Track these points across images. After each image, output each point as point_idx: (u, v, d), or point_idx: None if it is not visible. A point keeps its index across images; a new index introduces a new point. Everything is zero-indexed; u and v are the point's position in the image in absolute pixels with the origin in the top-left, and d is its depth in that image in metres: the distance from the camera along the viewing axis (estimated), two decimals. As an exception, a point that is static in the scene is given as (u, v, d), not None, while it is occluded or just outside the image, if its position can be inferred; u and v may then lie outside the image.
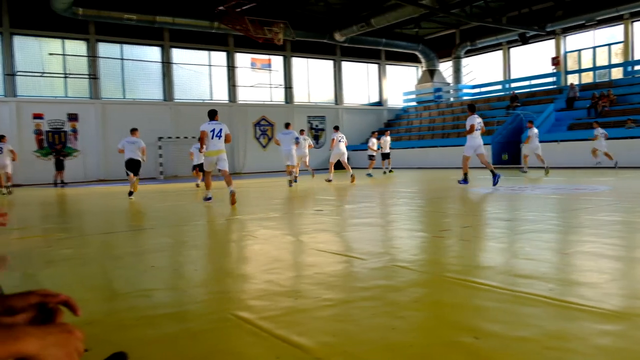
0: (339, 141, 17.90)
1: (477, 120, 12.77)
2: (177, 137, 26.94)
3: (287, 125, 17.33)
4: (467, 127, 12.77)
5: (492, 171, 12.32)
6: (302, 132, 21.32)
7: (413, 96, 36.16)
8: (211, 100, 29.19)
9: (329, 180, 16.74)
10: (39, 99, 24.61)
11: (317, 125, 32.71)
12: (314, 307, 2.94)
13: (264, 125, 30.65)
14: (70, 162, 24.76)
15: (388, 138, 22.90)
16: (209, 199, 10.71)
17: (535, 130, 17.86)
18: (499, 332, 2.44)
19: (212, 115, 10.96)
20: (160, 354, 2.34)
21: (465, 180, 12.73)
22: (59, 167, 22.97)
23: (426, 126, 31.55)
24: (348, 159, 18.33)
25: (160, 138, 26.25)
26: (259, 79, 30.58)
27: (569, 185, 11.85)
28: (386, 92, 35.61)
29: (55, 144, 24.43)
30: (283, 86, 31.45)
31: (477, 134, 12.70)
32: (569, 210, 7.42)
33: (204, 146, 10.63)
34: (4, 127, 23.62)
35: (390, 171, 22.64)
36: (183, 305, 3.15)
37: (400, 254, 4.51)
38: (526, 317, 2.64)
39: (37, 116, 24.50)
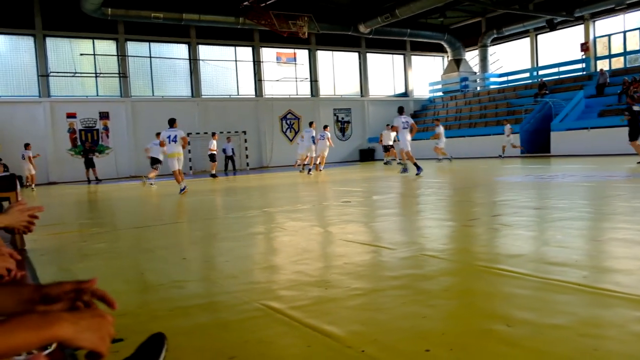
0: (309, 138, 19.71)
1: (401, 120, 15.03)
2: (205, 133, 27.16)
3: (310, 124, 19.88)
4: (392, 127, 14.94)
5: (415, 164, 14.32)
6: (325, 127, 21.49)
7: (439, 86, 35.78)
8: (238, 95, 29.35)
9: (308, 172, 18.63)
10: (72, 98, 25.09)
11: (342, 118, 32.63)
12: (343, 296, 2.93)
13: (291, 119, 30.70)
14: (103, 159, 25.22)
15: (391, 133, 22.83)
16: (184, 189, 12.69)
17: (442, 129, 21.22)
18: (531, 319, 2.39)
19: (171, 123, 13.46)
20: (193, 343, 2.36)
21: (414, 168, 14.62)
22: (89, 164, 23.41)
23: (453, 116, 31.19)
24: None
25: (188, 134, 26.47)
26: (285, 72, 30.62)
27: (600, 173, 11.60)
28: (412, 83, 35.31)
29: (85, 142, 24.86)
30: (309, 79, 31.44)
31: (404, 131, 15.02)
32: (601, 197, 7.25)
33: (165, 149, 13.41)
34: (39, 127, 24.18)
35: (396, 163, 22.33)
36: (214, 295, 3.18)
37: (429, 243, 4.47)
38: (559, 305, 2.58)
39: (70, 115, 24.99)
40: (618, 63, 28.07)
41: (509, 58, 33.30)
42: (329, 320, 2.53)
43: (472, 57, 35.05)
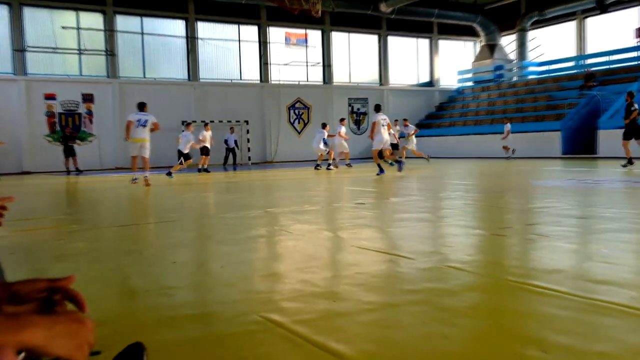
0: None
1: (379, 118, 15.95)
2: (203, 121, 27.21)
3: (323, 126, 21.37)
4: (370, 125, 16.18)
5: (396, 160, 15.72)
6: (342, 120, 21.66)
7: (469, 75, 35.68)
8: (240, 79, 29.44)
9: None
10: (51, 77, 25.26)
11: (358, 109, 32.66)
12: (354, 310, 2.92)
13: (300, 109, 30.76)
14: (85, 148, 25.36)
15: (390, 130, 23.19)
16: (135, 180, 13.47)
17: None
18: (571, 345, 2.37)
19: (141, 107, 14.05)
20: (182, 359, 2.35)
21: (382, 171, 15.47)
22: (69, 153, 23.48)
23: (484, 109, 31.11)
24: None
25: (184, 122, 26.56)
26: (294, 56, 30.67)
27: (653, 179, 11.50)
28: (438, 71, 35.25)
29: (65, 127, 24.96)
30: (321, 64, 31.47)
31: (382, 130, 15.88)
32: (654, 207, 7.19)
33: (129, 134, 13.76)
34: (12, 109, 24.34)
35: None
36: (208, 305, 3.18)
37: (454, 253, 4.45)
38: (604, 329, 2.55)
39: (49, 97, 25.15)
40: (678, 53, 27.85)
41: (551, 44, 33.11)
42: (338, 337, 2.52)
43: (508, 42, 34.90)
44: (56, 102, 25.29)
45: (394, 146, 22.46)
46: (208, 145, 20.93)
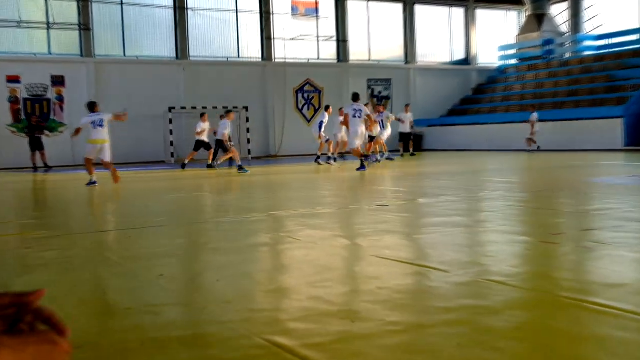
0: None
1: (353, 108, 16.55)
2: (194, 108, 27.32)
3: (326, 108, 21.68)
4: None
5: (363, 156, 16.38)
6: (368, 105, 21.81)
7: (513, 51, 35.51)
8: (238, 58, 29.47)
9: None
10: (15, 56, 25.40)
11: (380, 92, 32.60)
12: (377, 332, 2.92)
13: (309, 92, 30.75)
14: (55, 140, 25.47)
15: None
16: (93, 183, 13.51)
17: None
18: (636, 373, 2.36)
19: (92, 107, 14.75)
20: (171, 389, 2.37)
21: (363, 167, 15.99)
22: (35, 146, 23.51)
23: (531, 92, 30.96)
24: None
25: (171, 109, 26.69)
26: (303, 29, 30.66)
27: None
28: (476, 47, 35.11)
29: (31, 115, 25.04)
30: (335, 39, 31.43)
31: (356, 121, 16.42)
32: None
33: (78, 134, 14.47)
34: (-30, 94, 24.52)
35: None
36: (201, 326, 3.19)
37: (496, 264, 4.44)
38: (676, 354, 2.54)
39: (12, 79, 25.29)
40: None
41: (611, 14, 32.88)
42: (357, 364, 2.52)
43: (559, 12, 34.70)
44: (21, 85, 25.43)
45: (370, 138, 22.41)
46: (206, 139, 20.98)
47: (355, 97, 17.17)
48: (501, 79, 34.56)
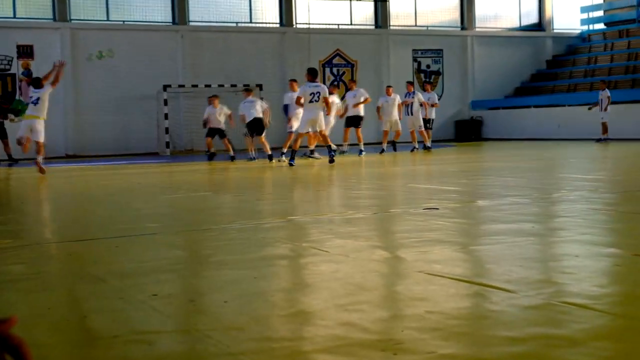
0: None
1: (308, 91, 16.96)
2: (195, 86, 27.39)
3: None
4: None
5: (328, 146, 17.27)
6: (410, 85, 21.90)
7: (599, 13, 35.19)
8: (250, 23, 29.51)
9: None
10: (-27, 22, 25.66)
11: (428, 66, 32.51)
12: (425, 367, 2.92)
13: (339, 66, 30.73)
14: (22, 126, 25.67)
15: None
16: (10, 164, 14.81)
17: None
18: None
19: (36, 83, 16.26)
20: None
21: (292, 160, 16.93)
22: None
23: (622, 66, 30.65)
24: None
25: (166, 87, 26.76)
26: (331, -14, 30.68)
27: None
28: (551, 8, 34.83)
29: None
30: (371, -1, 31.37)
31: (311, 106, 16.98)
32: None
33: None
34: None
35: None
36: (205, 358, 3.20)
37: (576, 283, 4.41)
38: None
39: (-30, 50, 25.60)
40: None
41: None
42: (400, 407, 2.52)
43: (659, -37, 34.36)
44: (-20, 58, 25.73)
45: (354, 121, 22.31)
46: (221, 125, 21.02)
47: (313, 73, 17.76)
48: (584, 49, 34.25)
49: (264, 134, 20.09)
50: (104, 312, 4.11)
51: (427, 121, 23.47)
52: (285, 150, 18.48)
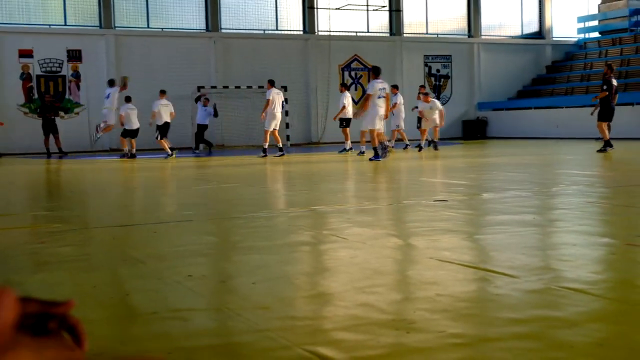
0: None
1: (378, 87, 16.43)
2: (226, 87, 27.49)
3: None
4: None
5: (377, 147, 16.18)
6: (422, 88, 21.81)
7: (595, 23, 34.96)
8: (276, 30, 29.53)
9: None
10: (27, 28, 25.81)
11: (438, 71, 32.42)
12: (435, 345, 2.91)
13: (357, 70, 30.71)
14: (70, 122, 25.84)
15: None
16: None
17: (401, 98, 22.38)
18: None
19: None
20: (202, 404, 2.39)
21: (376, 156, 16.04)
22: (49, 129, 23.66)
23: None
24: None
25: (200, 88, 26.85)
26: (350, -3, 30.63)
27: None
28: (550, 18, 34.64)
29: (45, 94, 25.34)
30: (387, 9, 31.31)
31: (379, 102, 16.39)
32: None
33: None
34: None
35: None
36: (235, 334, 3.20)
37: (573, 270, 4.39)
38: None
39: (25, 54, 25.69)
40: None
41: None
42: (413, 381, 2.51)
43: (650, -23, 34.06)
44: (33, 60, 25.83)
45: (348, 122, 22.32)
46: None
47: (377, 71, 17.19)
48: (580, 55, 34.06)
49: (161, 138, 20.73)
50: (144, 291, 4.13)
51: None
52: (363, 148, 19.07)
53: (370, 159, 16.02)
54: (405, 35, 31.67)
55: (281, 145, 19.89)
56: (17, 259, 5.27)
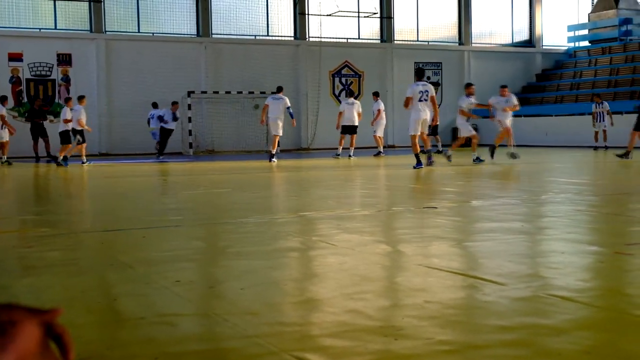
0: None
1: (417, 89, 15.70)
2: (216, 92, 27.46)
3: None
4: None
5: (427, 151, 16.21)
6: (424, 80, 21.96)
7: (585, 32, 35.09)
8: (267, 36, 29.53)
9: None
10: (16, 31, 25.72)
11: (429, 77, 32.37)
12: (423, 352, 2.92)
13: (348, 76, 30.71)
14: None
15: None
16: None
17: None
18: None
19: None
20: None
21: (419, 164, 15.29)
22: (38, 133, 23.46)
23: (604, 80, 30.57)
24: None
25: (190, 93, 26.82)
26: (341, 4, 30.64)
27: None
28: (541, 26, 34.75)
29: (35, 98, 25.22)
30: (378, 16, 31.36)
31: (420, 105, 15.69)
32: None
33: None
34: (-34, 73, 24.90)
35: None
36: (223, 340, 3.21)
37: (561, 277, 4.40)
38: None
39: (14, 57, 25.60)
40: None
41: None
42: (400, 387, 2.52)
43: (640, -13, 34.23)
44: (23, 64, 25.73)
45: (434, 130, 22.39)
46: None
47: (420, 74, 17.46)
48: (570, 64, 34.16)
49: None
50: (132, 296, 4.13)
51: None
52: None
53: (413, 167, 15.08)
54: (396, 42, 31.68)
55: (274, 152, 19.89)
56: (4, 263, 5.26)
